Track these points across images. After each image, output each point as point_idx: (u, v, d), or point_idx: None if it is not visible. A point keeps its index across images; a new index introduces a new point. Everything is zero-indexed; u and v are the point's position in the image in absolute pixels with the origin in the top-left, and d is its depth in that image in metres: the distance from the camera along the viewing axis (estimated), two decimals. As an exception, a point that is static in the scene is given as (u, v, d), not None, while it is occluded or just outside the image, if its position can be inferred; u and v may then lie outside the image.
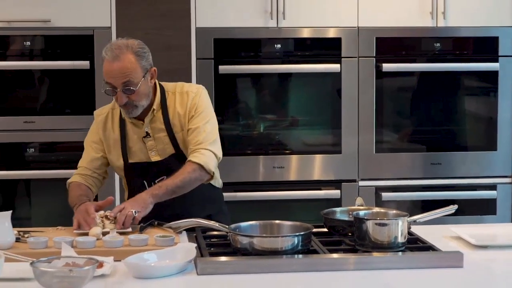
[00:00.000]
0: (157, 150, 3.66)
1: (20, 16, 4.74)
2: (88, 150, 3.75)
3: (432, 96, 5.21)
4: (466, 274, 2.96)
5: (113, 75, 3.48)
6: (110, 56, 3.49)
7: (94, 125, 3.76)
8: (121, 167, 3.70)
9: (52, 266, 2.72)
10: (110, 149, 3.70)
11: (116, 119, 3.70)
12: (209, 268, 2.92)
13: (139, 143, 3.67)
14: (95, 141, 3.72)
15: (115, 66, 3.48)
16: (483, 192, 5.16)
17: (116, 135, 3.69)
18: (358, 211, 3.30)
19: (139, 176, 3.67)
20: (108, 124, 3.71)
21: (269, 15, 4.94)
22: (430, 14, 5.04)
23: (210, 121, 3.69)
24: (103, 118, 3.73)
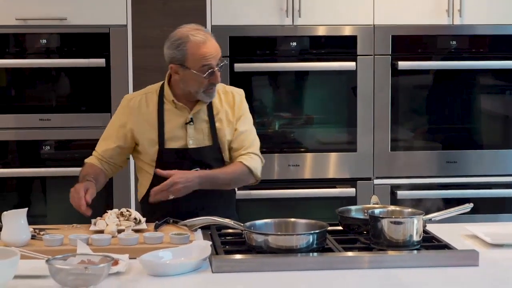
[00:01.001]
0: (195, 139, 3.67)
1: (37, 14, 4.75)
2: (106, 138, 3.75)
3: (448, 94, 5.19)
4: (481, 273, 2.96)
5: (213, 55, 3.58)
6: (200, 38, 3.57)
7: (125, 109, 3.73)
8: (154, 152, 3.67)
9: (68, 264, 2.73)
10: (143, 133, 3.67)
11: (152, 104, 3.70)
12: (224, 266, 2.93)
13: (178, 129, 3.67)
14: (120, 124, 3.70)
15: (212, 45, 3.60)
16: (499, 191, 5.14)
17: (153, 120, 3.67)
18: (373, 209, 3.30)
19: (173, 162, 3.63)
20: (143, 109, 3.69)
21: (285, 13, 4.94)
22: (446, 11, 5.02)
23: (253, 126, 3.82)
24: (136, 102, 3.71)
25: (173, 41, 3.61)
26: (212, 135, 3.68)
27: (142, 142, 3.68)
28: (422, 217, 3.16)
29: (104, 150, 3.73)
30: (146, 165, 3.71)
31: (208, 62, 3.56)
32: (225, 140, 3.69)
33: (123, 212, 3.36)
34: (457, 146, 5.16)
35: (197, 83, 3.58)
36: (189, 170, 3.57)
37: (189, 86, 3.61)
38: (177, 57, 3.58)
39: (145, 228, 3.32)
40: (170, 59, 3.62)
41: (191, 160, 3.64)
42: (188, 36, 3.57)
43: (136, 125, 3.67)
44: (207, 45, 3.57)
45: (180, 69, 3.60)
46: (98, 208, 4.00)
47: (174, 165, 3.59)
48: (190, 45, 3.56)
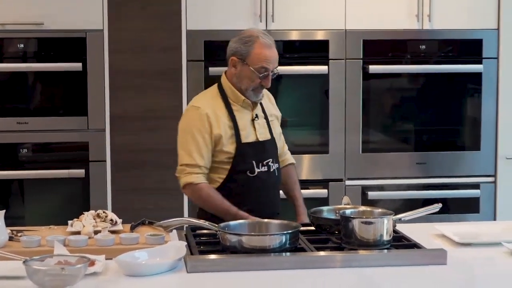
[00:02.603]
0: (261, 133, 3.81)
1: (14, 19, 4.73)
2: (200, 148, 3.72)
3: (418, 97, 5.22)
4: (449, 271, 2.98)
5: (273, 60, 3.71)
6: (268, 42, 3.71)
7: (203, 117, 3.72)
8: (233, 149, 3.73)
9: (45, 265, 2.73)
10: (222, 135, 3.73)
11: (221, 107, 3.77)
12: (199, 266, 2.93)
13: (248, 125, 3.78)
14: (207, 132, 3.72)
15: (274, 54, 3.72)
16: (467, 191, 5.17)
17: (227, 120, 3.74)
18: (344, 209, 3.31)
19: (250, 155, 3.74)
20: (218, 112, 3.75)
21: (258, 18, 4.95)
22: (416, 17, 5.05)
23: None
24: (210, 108, 3.75)
25: (243, 37, 3.74)
26: (269, 129, 3.85)
27: (224, 141, 3.74)
28: (392, 217, 3.17)
29: (207, 162, 3.74)
30: (222, 163, 3.75)
31: (266, 65, 3.69)
32: (275, 134, 3.89)
33: (100, 213, 3.36)
34: (426, 147, 5.18)
35: (250, 80, 3.71)
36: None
37: (242, 82, 3.73)
38: (241, 51, 3.70)
39: (121, 229, 3.32)
40: (234, 52, 3.73)
41: (263, 152, 3.78)
42: (258, 36, 3.71)
43: (217, 129, 3.72)
44: (272, 50, 3.72)
45: (239, 63, 3.71)
46: (75, 209, 4.01)
47: (251, 158, 3.73)
48: (257, 45, 3.69)
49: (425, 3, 5.04)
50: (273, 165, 3.80)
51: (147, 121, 4.83)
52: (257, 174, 3.73)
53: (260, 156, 3.76)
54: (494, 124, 5.15)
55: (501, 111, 5.15)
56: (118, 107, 4.81)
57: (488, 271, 3.04)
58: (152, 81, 4.84)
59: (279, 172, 3.84)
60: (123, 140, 4.83)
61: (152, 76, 4.84)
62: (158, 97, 4.84)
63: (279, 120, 3.98)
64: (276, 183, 3.84)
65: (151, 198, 4.85)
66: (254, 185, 3.72)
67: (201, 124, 3.71)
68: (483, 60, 5.13)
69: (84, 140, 4.82)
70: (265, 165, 3.76)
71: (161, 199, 4.85)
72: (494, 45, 5.12)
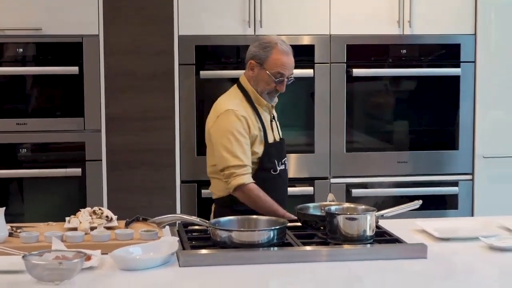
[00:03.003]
0: (277, 134, 3.92)
1: (13, 24, 4.72)
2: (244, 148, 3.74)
3: (399, 99, 5.23)
4: (429, 265, 2.99)
5: (289, 67, 3.80)
6: (286, 50, 3.81)
7: (241, 119, 3.76)
8: (260, 151, 3.80)
9: (43, 259, 2.72)
10: (256, 134, 3.79)
11: (250, 109, 3.83)
12: (191, 261, 2.93)
13: (269, 126, 3.87)
14: (246, 133, 3.77)
15: (290, 60, 3.82)
16: (446, 189, 5.18)
17: (256, 122, 3.81)
18: (329, 206, 3.32)
19: (274, 155, 3.83)
20: (249, 114, 3.80)
21: (247, 24, 4.94)
22: (397, 22, 5.05)
23: None
24: (244, 111, 3.80)
25: (263, 42, 3.83)
26: (280, 131, 3.98)
27: (256, 143, 3.80)
28: (375, 213, 3.18)
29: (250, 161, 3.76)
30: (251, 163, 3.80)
31: (282, 71, 3.78)
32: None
33: (96, 210, 3.36)
34: (407, 147, 5.19)
35: (266, 84, 3.79)
36: None
37: (258, 85, 3.82)
38: (260, 56, 3.79)
39: (116, 226, 3.32)
40: (253, 56, 3.82)
41: (282, 151, 3.91)
42: (277, 43, 3.80)
43: (254, 130, 3.79)
44: (288, 57, 3.80)
45: (257, 67, 3.80)
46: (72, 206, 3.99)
47: (273, 157, 3.82)
48: (275, 51, 3.78)
49: (405, 10, 5.05)
50: (286, 163, 3.93)
51: (141, 122, 4.82)
52: (278, 172, 3.83)
53: (280, 155, 3.87)
54: (472, 125, 5.16)
55: (478, 112, 5.16)
56: (113, 109, 4.80)
57: (466, 264, 3.05)
58: (146, 84, 4.83)
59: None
60: (118, 140, 4.82)
61: (146, 79, 4.83)
62: (151, 99, 4.83)
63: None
64: (287, 180, 3.97)
65: (145, 196, 4.84)
66: (276, 182, 3.83)
67: (241, 125, 3.76)
68: (461, 64, 5.14)
69: (81, 141, 4.81)
70: (283, 163, 3.88)
71: (155, 197, 4.84)
72: (471, 50, 5.13)
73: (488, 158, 5.17)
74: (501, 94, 5.17)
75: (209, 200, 4.92)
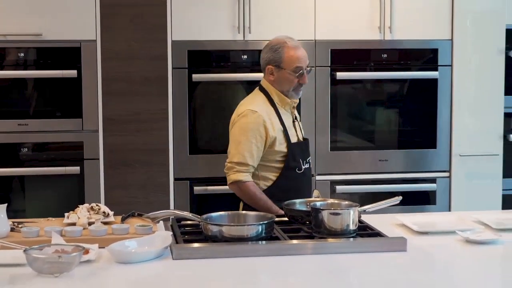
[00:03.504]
0: (300, 134, 3.88)
1: (15, 30, 4.70)
2: (253, 149, 3.71)
3: (380, 100, 5.23)
4: (409, 257, 2.99)
5: (304, 59, 3.77)
6: (295, 44, 3.79)
7: (259, 119, 3.72)
8: (285, 150, 3.76)
9: (43, 253, 2.71)
10: (275, 136, 3.75)
11: (271, 111, 3.78)
12: (184, 254, 2.92)
13: (291, 127, 3.84)
14: (261, 135, 3.72)
15: (303, 52, 3.78)
16: (425, 185, 5.18)
17: (278, 122, 3.77)
18: (315, 202, 3.32)
19: (298, 154, 3.80)
20: (271, 116, 3.77)
21: (237, 30, 4.94)
22: (378, 28, 5.06)
23: None
24: (264, 114, 3.76)
25: (272, 46, 3.80)
26: (302, 131, 3.94)
27: (277, 143, 3.76)
28: (358, 208, 3.18)
29: (256, 163, 3.74)
30: (275, 161, 3.77)
31: (300, 64, 3.75)
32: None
33: (93, 206, 3.34)
34: (388, 146, 5.19)
35: (289, 82, 3.76)
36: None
37: (282, 85, 3.78)
38: (274, 59, 3.76)
39: (113, 221, 3.30)
40: (268, 61, 3.80)
41: (306, 150, 3.87)
42: (285, 42, 3.77)
43: (272, 132, 3.74)
44: (300, 50, 3.78)
45: (275, 70, 3.77)
46: (71, 203, 3.98)
47: (298, 156, 3.78)
48: (286, 49, 3.75)
49: (386, 16, 5.05)
50: (310, 162, 3.90)
51: (136, 122, 4.81)
52: (303, 171, 3.80)
53: (304, 154, 3.84)
54: (449, 125, 5.17)
55: (455, 113, 5.17)
56: (110, 110, 4.79)
57: (444, 256, 3.05)
58: (141, 87, 4.82)
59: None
60: (115, 140, 4.81)
61: (141, 82, 4.82)
62: (146, 101, 4.82)
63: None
64: (311, 177, 3.93)
65: (140, 192, 4.83)
66: (301, 180, 3.80)
67: (256, 127, 3.71)
68: (439, 67, 5.14)
69: (79, 140, 4.79)
70: (308, 162, 3.85)
71: (149, 193, 4.83)
72: (448, 54, 5.14)
73: (464, 156, 5.18)
74: (476, 95, 5.18)
75: (201, 196, 4.94)
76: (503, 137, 5.23)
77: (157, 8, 4.81)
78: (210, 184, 4.93)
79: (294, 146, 3.79)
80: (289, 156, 3.77)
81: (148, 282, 2.72)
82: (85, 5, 4.74)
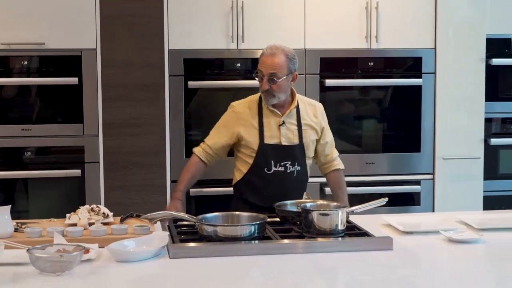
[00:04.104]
0: (287, 138, 3.81)
1: (19, 39, 4.69)
2: (216, 133, 3.90)
3: (367, 106, 5.23)
4: (395, 256, 2.99)
5: (265, 66, 3.74)
6: (269, 52, 3.75)
7: (232, 114, 3.87)
8: (256, 146, 3.78)
9: (46, 252, 2.71)
10: (245, 131, 3.80)
11: (254, 110, 3.83)
12: (180, 253, 2.92)
13: (274, 129, 3.80)
14: (226, 126, 3.85)
15: (269, 60, 3.73)
16: (409, 187, 5.18)
17: (255, 121, 3.80)
18: (305, 203, 3.32)
19: (270, 155, 3.78)
20: (246, 112, 3.83)
21: (230, 39, 4.94)
22: (365, 38, 5.06)
23: (331, 135, 4.05)
24: (242, 109, 3.85)
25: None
26: (299, 136, 3.83)
27: (247, 139, 3.80)
28: (346, 209, 3.18)
29: (214, 143, 3.88)
30: (247, 156, 3.83)
31: (260, 68, 3.76)
32: (309, 141, 3.87)
33: (94, 207, 3.33)
34: (374, 150, 5.19)
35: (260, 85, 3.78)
36: None
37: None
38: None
39: (112, 221, 3.29)
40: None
41: (283, 154, 3.80)
42: (265, 48, 3.79)
43: (242, 127, 3.81)
44: (267, 57, 3.74)
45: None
46: (72, 204, 3.97)
47: (269, 157, 3.78)
48: (262, 55, 3.78)
49: (372, 26, 5.06)
50: (291, 167, 3.81)
51: (134, 127, 4.81)
52: (273, 172, 3.77)
53: (279, 157, 3.79)
54: (432, 129, 5.18)
55: (438, 118, 5.17)
56: (109, 116, 4.78)
57: (428, 255, 3.05)
58: (139, 93, 4.81)
59: (300, 174, 3.84)
60: (114, 144, 4.80)
61: (139, 89, 4.81)
62: (144, 107, 4.81)
63: (320, 131, 3.94)
64: (292, 183, 3.81)
65: (138, 194, 4.82)
66: (270, 181, 3.77)
67: (226, 118, 3.88)
68: (423, 74, 5.15)
69: (80, 144, 4.78)
70: (282, 165, 3.79)
71: (147, 195, 4.82)
72: (432, 62, 5.15)
73: (447, 159, 5.19)
74: (458, 102, 5.18)
75: (196, 198, 4.93)
76: (484, 141, 5.24)
77: (154, 18, 4.80)
78: (206, 186, 4.92)
79: (265, 147, 3.78)
80: (258, 154, 3.79)
81: (146, 280, 2.71)
82: (86, 16, 4.73)
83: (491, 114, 5.32)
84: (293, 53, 3.81)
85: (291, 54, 3.78)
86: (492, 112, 5.31)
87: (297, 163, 3.82)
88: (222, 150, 3.90)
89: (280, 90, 3.75)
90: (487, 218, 3.58)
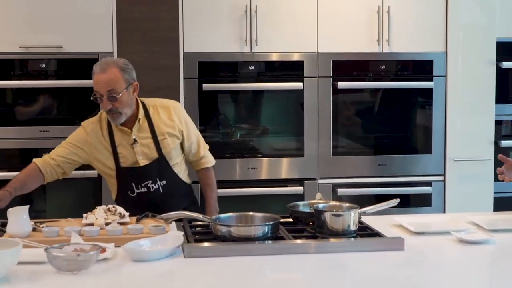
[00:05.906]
0: (144, 154, 3.60)
1: (37, 43, 4.71)
2: (62, 148, 3.66)
3: (379, 109, 5.22)
4: (406, 256, 2.98)
5: (99, 85, 3.46)
6: (98, 69, 3.48)
7: (81, 132, 3.65)
8: (113, 171, 3.62)
9: (63, 252, 2.71)
10: (99, 154, 3.61)
11: (104, 128, 3.62)
12: (194, 252, 2.91)
13: (128, 148, 3.60)
14: (73, 143, 3.63)
15: (101, 77, 3.45)
16: (421, 188, 5.17)
17: (107, 143, 3.60)
18: (317, 204, 3.30)
19: (129, 179, 3.61)
20: (98, 133, 3.62)
21: (244, 42, 4.94)
22: (377, 41, 5.05)
23: (196, 130, 3.77)
24: (93, 127, 3.63)
25: None
26: (157, 148, 3.60)
27: (104, 162, 3.61)
28: (358, 210, 3.16)
29: (59, 155, 3.63)
30: (110, 177, 3.66)
31: (96, 90, 3.49)
32: (169, 149, 3.62)
33: (110, 208, 3.34)
34: (386, 151, 5.18)
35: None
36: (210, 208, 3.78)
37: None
38: None
39: (128, 221, 3.29)
40: None
41: (142, 175, 3.60)
42: (94, 65, 3.51)
43: (93, 149, 3.61)
44: (99, 74, 3.47)
45: None
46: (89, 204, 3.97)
47: (129, 181, 3.59)
48: (94, 75, 3.51)
49: (384, 30, 5.05)
50: (154, 185, 3.61)
51: (150, 129, 4.80)
52: (137, 194, 3.61)
53: (139, 179, 3.59)
54: (443, 132, 5.16)
55: (449, 120, 5.16)
56: (125, 118, 4.79)
57: (438, 255, 3.04)
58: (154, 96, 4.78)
59: (168, 186, 3.63)
60: (130, 145, 4.80)
61: (154, 91, 4.79)
62: (159, 109, 4.81)
63: (180, 134, 3.67)
64: (160, 198, 3.61)
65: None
66: (136, 201, 3.60)
67: (73, 136, 3.64)
68: (434, 77, 5.13)
69: (97, 146, 4.79)
70: (144, 186, 3.61)
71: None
72: (443, 65, 5.13)
73: (458, 161, 5.17)
74: (469, 104, 5.16)
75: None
76: (494, 143, 5.22)
77: (169, 22, 4.81)
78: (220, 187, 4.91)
79: (122, 171, 3.58)
80: (119, 178, 3.60)
81: (161, 279, 2.71)
82: (103, 20, 4.74)
83: (502, 116, 5.30)
84: (126, 62, 3.54)
85: (123, 65, 3.51)
86: (502, 114, 5.29)
87: (160, 178, 3.61)
88: (67, 165, 3.63)
89: (124, 106, 3.49)
90: (497, 219, 3.56)
